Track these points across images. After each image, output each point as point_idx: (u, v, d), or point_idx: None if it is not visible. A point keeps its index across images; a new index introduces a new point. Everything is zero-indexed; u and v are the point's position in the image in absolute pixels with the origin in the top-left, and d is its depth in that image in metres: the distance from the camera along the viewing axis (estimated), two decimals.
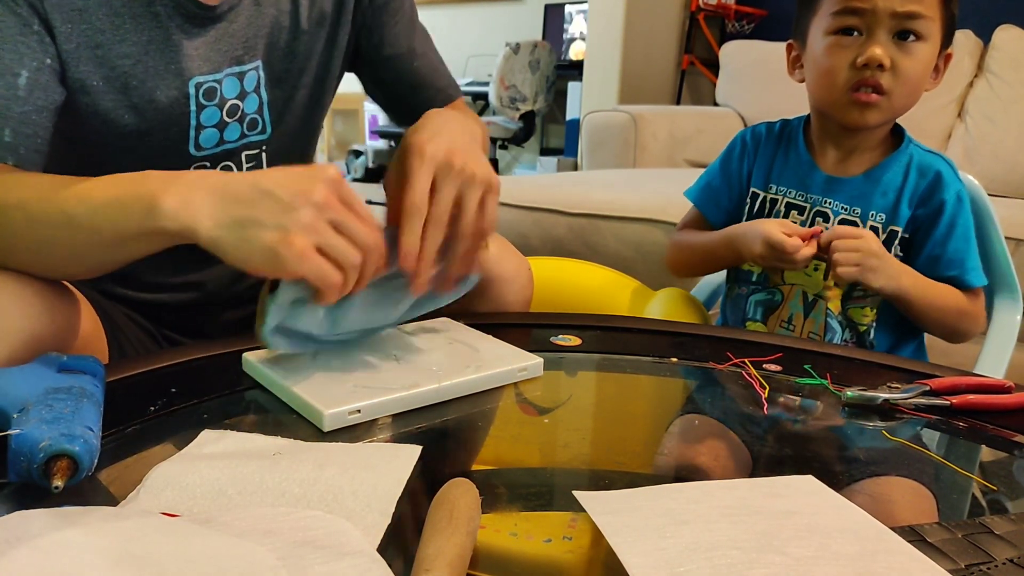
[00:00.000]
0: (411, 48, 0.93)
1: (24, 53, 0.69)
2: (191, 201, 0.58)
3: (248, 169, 0.86)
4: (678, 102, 3.40)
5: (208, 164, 0.83)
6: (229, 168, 0.84)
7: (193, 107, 0.78)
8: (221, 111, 0.80)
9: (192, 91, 0.77)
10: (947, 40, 0.94)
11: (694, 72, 3.42)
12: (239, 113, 0.82)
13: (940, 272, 0.94)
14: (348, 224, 0.59)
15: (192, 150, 0.80)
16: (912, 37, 0.90)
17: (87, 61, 0.72)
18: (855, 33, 0.91)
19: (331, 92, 0.92)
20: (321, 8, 0.86)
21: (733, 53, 2.93)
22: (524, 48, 4.34)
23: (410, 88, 0.94)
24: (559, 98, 4.63)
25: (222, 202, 0.58)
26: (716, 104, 2.99)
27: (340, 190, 0.60)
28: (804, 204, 1.00)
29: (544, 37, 4.76)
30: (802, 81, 1.00)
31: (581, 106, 3.47)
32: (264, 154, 0.87)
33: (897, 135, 1.00)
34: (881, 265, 0.89)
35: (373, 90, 0.97)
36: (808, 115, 1.04)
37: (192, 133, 0.79)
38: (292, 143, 0.89)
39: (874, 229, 0.96)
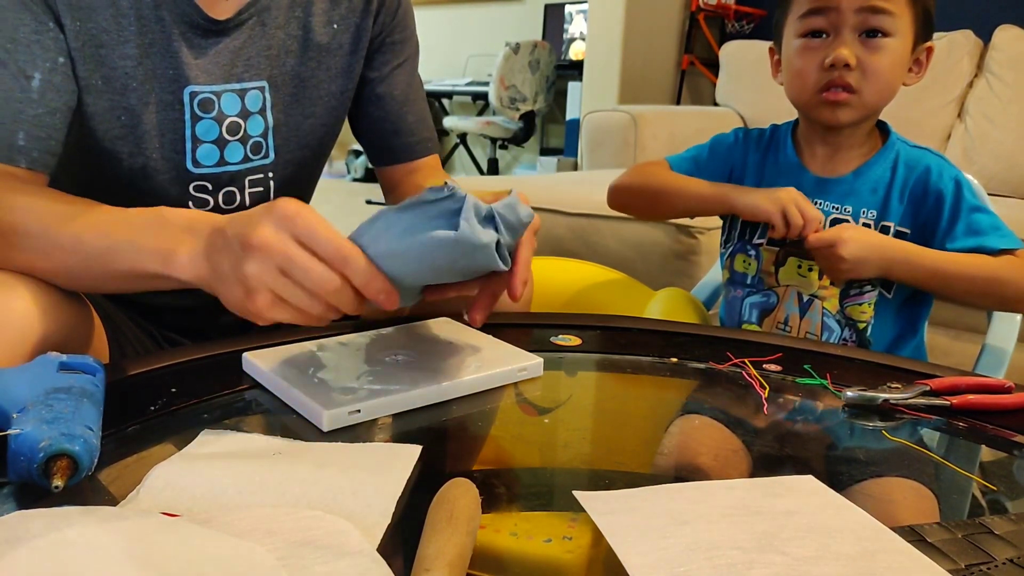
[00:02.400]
0: (405, 94, 0.93)
1: (38, 54, 0.69)
2: (184, 256, 0.60)
3: (252, 195, 0.85)
4: (678, 102, 3.40)
5: (209, 185, 0.82)
6: (232, 194, 0.84)
7: (187, 116, 0.78)
8: (220, 126, 0.80)
9: (186, 99, 0.77)
10: (924, 34, 0.95)
11: (694, 72, 3.42)
12: (241, 133, 0.81)
13: (961, 248, 0.93)
14: (298, 270, 0.54)
15: (190, 165, 0.80)
16: (879, 35, 0.91)
17: (90, 60, 0.72)
18: (823, 35, 0.93)
19: (342, 121, 0.92)
20: (337, 38, 0.85)
21: (733, 53, 2.93)
22: (524, 48, 4.34)
23: (393, 132, 0.94)
24: (559, 98, 4.64)
25: (206, 257, 0.59)
26: (716, 104, 2.99)
27: (294, 226, 0.54)
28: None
29: (544, 37, 4.76)
30: (783, 84, 1.01)
31: (581, 106, 3.47)
32: (271, 181, 0.86)
33: (884, 132, 1.01)
34: (857, 251, 0.90)
35: (356, 121, 0.96)
36: (794, 121, 1.06)
37: (188, 145, 0.79)
38: (299, 171, 0.89)
39: (866, 225, 0.96)
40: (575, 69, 4.16)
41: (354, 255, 0.55)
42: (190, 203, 0.81)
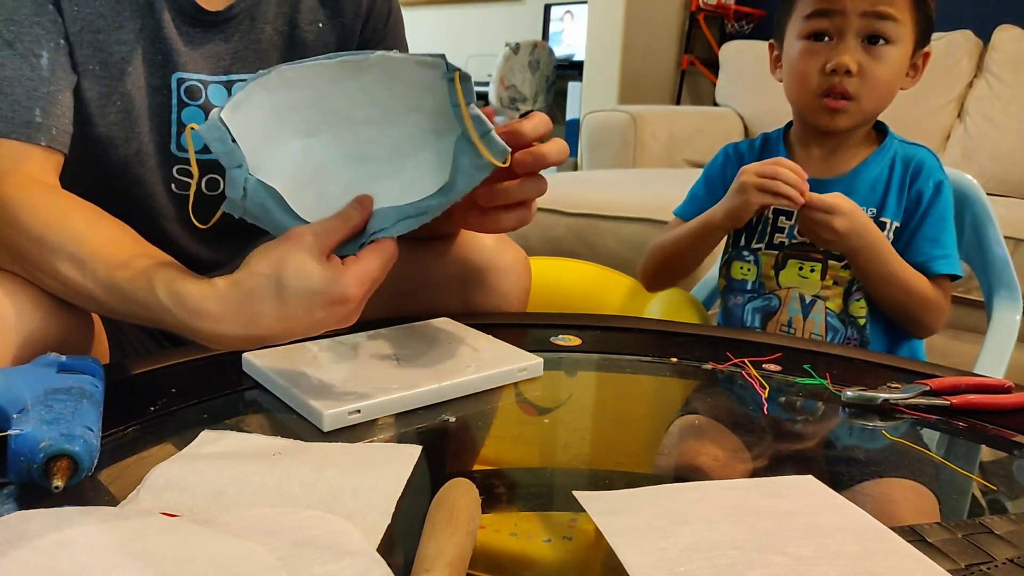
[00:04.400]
0: None
1: (41, 35, 0.70)
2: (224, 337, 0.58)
3: None
4: (678, 102, 3.40)
5: (191, 171, 0.82)
6: (216, 181, 0.83)
7: (174, 101, 0.79)
8: (206, 115, 0.80)
9: (174, 85, 0.78)
10: (923, 40, 0.96)
11: (694, 72, 3.42)
12: None
13: (909, 258, 0.95)
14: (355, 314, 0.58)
15: (174, 149, 0.81)
16: (881, 41, 0.92)
17: (87, 45, 0.73)
18: (826, 38, 0.93)
19: None
20: (323, 37, 0.86)
21: (733, 53, 2.93)
22: (524, 48, 4.34)
23: None
24: (559, 98, 4.64)
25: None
26: (716, 104, 2.99)
27: (358, 276, 0.57)
28: (792, 209, 1.00)
29: (544, 37, 4.76)
30: (782, 81, 1.01)
31: (581, 106, 3.47)
32: None
33: (880, 131, 1.02)
34: (849, 227, 0.89)
35: None
36: (786, 125, 1.06)
37: (173, 129, 0.80)
38: None
39: None
40: (575, 69, 4.15)
41: (392, 250, 0.59)
42: (173, 186, 0.82)
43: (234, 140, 0.58)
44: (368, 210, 0.60)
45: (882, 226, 0.97)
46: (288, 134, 0.61)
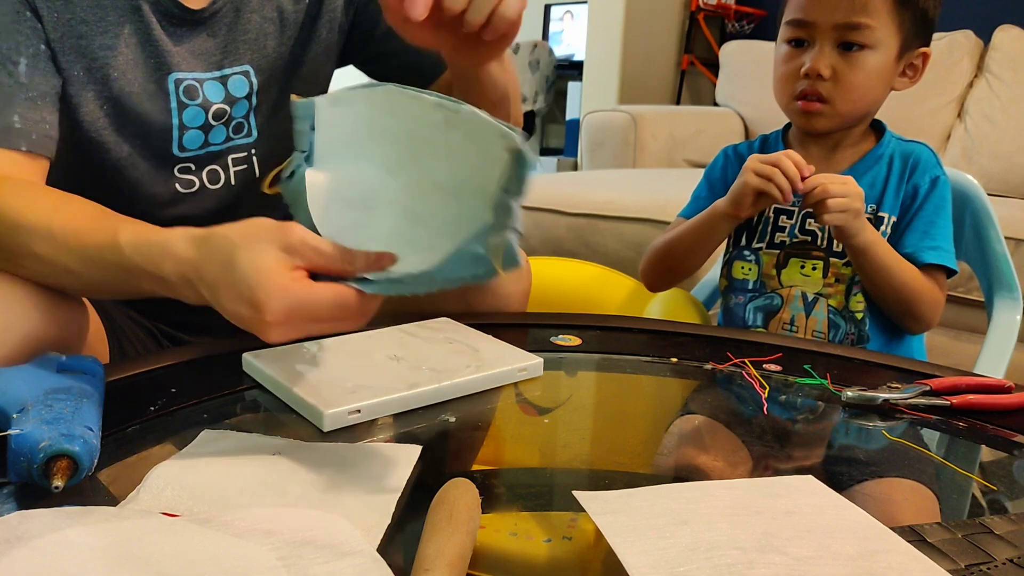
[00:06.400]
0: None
1: (20, 40, 0.70)
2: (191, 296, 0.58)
3: (236, 173, 0.85)
4: (678, 102, 3.40)
5: (192, 166, 0.82)
6: (216, 172, 0.84)
7: (174, 104, 0.79)
8: (206, 113, 0.80)
9: (171, 87, 0.78)
10: (916, 40, 0.96)
11: (694, 72, 3.42)
12: (226, 117, 0.82)
13: (900, 250, 0.95)
14: (318, 327, 0.53)
15: (176, 151, 0.81)
16: (856, 47, 0.93)
17: (70, 51, 0.73)
18: (804, 44, 0.96)
19: (324, 89, 0.92)
20: (309, 10, 0.86)
21: (733, 53, 2.93)
22: (524, 48, 4.33)
23: (414, 52, 0.87)
24: (559, 98, 4.63)
25: (215, 302, 0.56)
26: (716, 104, 2.99)
27: (291, 300, 0.51)
28: (792, 208, 1.01)
29: (544, 37, 4.76)
30: None
31: (581, 106, 3.47)
32: (254, 158, 0.87)
33: (879, 131, 1.02)
34: (860, 217, 0.90)
35: (379, 68, 0.93)
36: (784, 126, 1.07)
37: (175, 133, 0.80)
38: (281, 145, 0.89)
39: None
40: (575, 69, 4.15)
41: (353, 303, 0.52)
42: (177, 185, 0.82)
43: (313, 128, 0.57)
44: (379, 268, 0.54)
45: (880, 221, 0.97)
46: (367, 156, 0.59)
